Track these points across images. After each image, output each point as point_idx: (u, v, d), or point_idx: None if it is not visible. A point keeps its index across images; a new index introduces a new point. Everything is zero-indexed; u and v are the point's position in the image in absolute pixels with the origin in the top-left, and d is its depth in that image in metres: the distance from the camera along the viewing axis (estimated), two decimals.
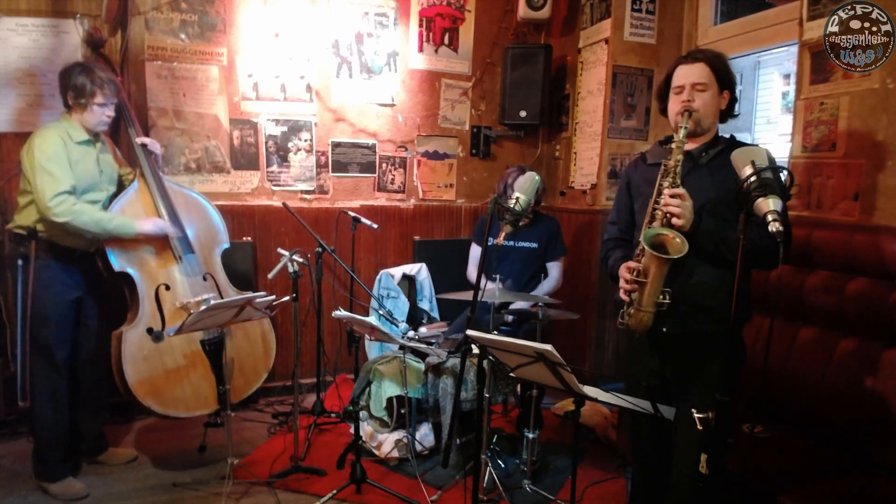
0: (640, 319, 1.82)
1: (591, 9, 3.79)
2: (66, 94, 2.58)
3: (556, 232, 3.39)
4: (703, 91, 1.87)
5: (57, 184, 2.45)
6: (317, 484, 2.69)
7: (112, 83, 2.63)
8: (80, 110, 2.59)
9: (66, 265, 2.60)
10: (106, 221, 2.59)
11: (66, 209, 2.46)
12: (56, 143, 2.50)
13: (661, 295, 1.77)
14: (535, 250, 3.35)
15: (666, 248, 1.74)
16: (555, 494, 2.63)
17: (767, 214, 1.38)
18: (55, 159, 2.47)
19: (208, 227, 3.07)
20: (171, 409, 2.75)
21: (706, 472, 1.48)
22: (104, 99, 2.59)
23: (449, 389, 2.80)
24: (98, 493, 2.61)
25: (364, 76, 3.83)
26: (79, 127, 2.61)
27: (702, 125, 1.90)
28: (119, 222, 2.64)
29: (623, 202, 2.14)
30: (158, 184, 2.88)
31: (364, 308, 3.75)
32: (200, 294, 2.87)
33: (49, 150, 2.47)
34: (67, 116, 2.61)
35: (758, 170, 1.44)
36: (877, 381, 2.05)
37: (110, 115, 2.67)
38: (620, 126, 3.69)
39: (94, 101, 2.57)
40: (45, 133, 2.52)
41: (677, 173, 1.81)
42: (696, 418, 1.49)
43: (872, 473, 1.95)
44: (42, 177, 2.44)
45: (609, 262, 2.12)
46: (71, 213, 2.47)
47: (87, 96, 2.55)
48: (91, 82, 2.55)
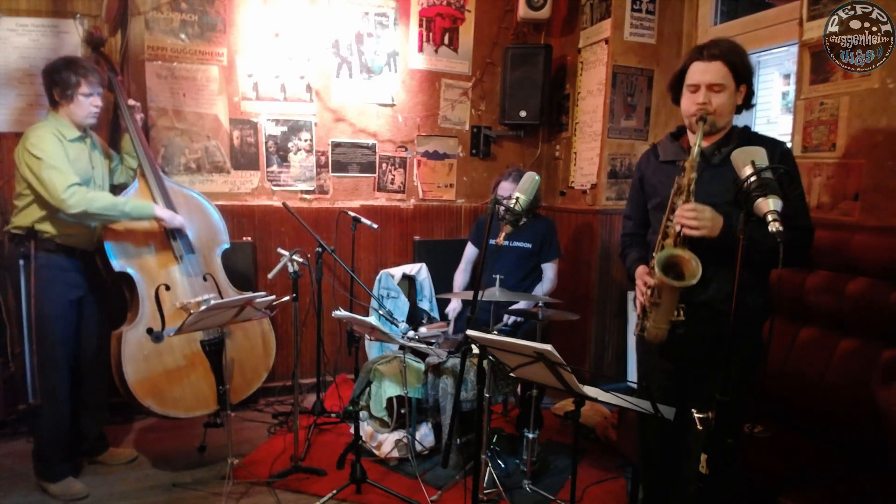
0: (655, 334, 1.82)
1: (591, 9, 3.79)
2: (52, 91, 2.56)
3: (550, 233, 3.40)
4: (720, 92, 1.78)
5: (66, 177, 2.45)
6: (317, 484, 2.69)
7: (95, 72, 2.61)
8: (67, 104, 2.56)
9: (66, 265, 2.60)
10: (122, 204, 2.61)
11: (80, 198, 2.46)
12: (53, 140, 2.49)
13: (675, 312, 1.75)
14: (528, 250, 3.36)
15: (680, 269, 1.70)
16: (555, 494, 2.63)
17: (767, 214, 1.38)
18: (56, 156, 2.47)
19: (209, 226, 3.06)
20: (171, 410, 2.75)
21: (706, 471, 1.47)
22: (89, 88, 2.57)
23: (449, 389, 2.80)
24: (98, 493, 2.61)
25: (364, 76, 3.83)
26: (68, 124, 2.58)
27: (717, 126, 1.83)
28: (136, 204, 2.66)
29: (637, 199, 2.10)
30: (159, 182, 2.88)
31: (364, 308, 3.75)
32: (200, 294, 2.86)
33: (49, 148, 2.46)
34: (55, 114, 2.58)
35: (758, 170, 1.43)
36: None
37: (98, 106, 2.63)
38: (620, 126, 3.70)
39: (80, 92, 2.55)
40: (40, 132, 2.50)
41: (691, 192, 1.75)
42: (696, 418, 1.49)
43: (873, 474, 1.95)
44: (49, 172, 2.43)
45: (626, 262, 2.11)
46: (86, 201, 2.47)
47: (72, 87, 2.53)
48: (74, 73, 2.53)
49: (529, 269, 3.39)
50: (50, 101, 2.60)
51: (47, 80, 2.56)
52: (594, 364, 3.81)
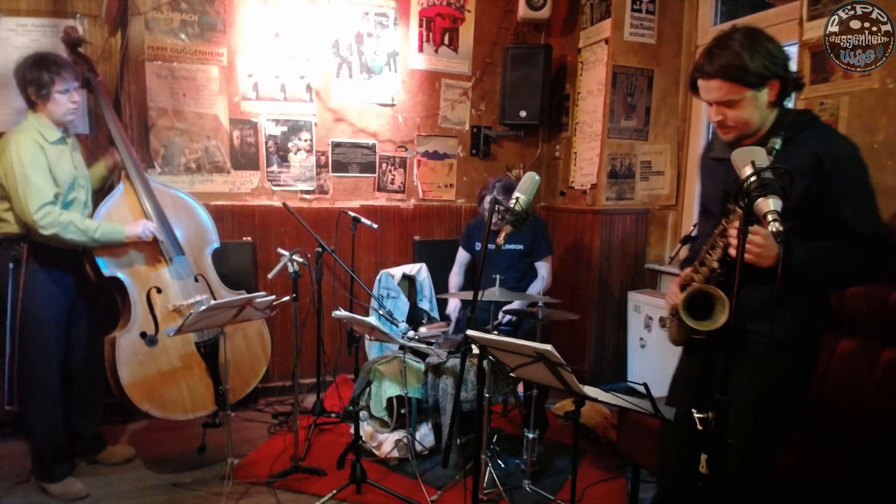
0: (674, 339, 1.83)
1: (591, 9, 3.79)
2: (27, 91, 2.47)
3: (541, 232, 3.41)
4: (732, 106, 1.62)
5: (40, 195, 2.38)
6: (317, 484, 2.69)
7: (68, 66, 2.53)
8: (44, 103, 2.47)
9: (56, 268, 2.57)
10: (93, 230, 2.52)
11: (52, 220, 2.40)
12: (32, 147, 2.41)
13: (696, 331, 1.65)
14: (521, 251, 3.38)
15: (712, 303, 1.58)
16: (555, 494, 2.63)
17: (767, 214, 1.38)
18: (35, 166, 2.39)
19: (197, 227, 3.02)
20: (169, 413, 2.74)
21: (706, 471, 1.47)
22: (64, 84, 2.48)
23: (449, 389, 2.80)
24: (98, 493, 2.61)
25: (364, 76, 3.83)
26: (49, 124, 2.51)
27: (745, 133, 1.67)
28: (106, 229, 2.58)
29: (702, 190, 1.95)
30: (144, 184, 2.82)
31: (364, 308, 3.75)
32: (193, 296, 2.85)
33: (26, 157, 2.38)
34: (35, 115, 2.50)
35: (758, 170, 1.43)
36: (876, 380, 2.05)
37: (76, 101, 2.56)
38: (620, 126, 3.70)
39: (55, 90, 2.45)
40: (19, 138, 2.41)
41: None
42: (697, 418, 1.48)
43: (873, 474, 1.95)
44: (23, 187, 2.36)
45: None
46: (58, 225, 2.41)
47: (47, 86, 2.44)
48: (47, 70, 2.43)
49: (525, 270, 3.40)
50: (27, 101, 2.51)
51: (20, 81, 2.47)
52: (594, 364, 3.81)
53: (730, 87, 1.60)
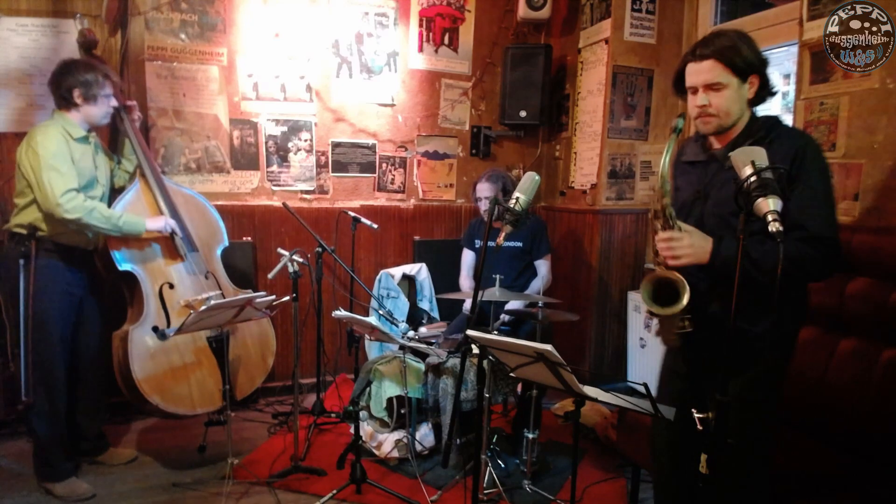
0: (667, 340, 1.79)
1: (591, 9, 3.80)
2: (72, 92, 2.53)
3: (540, 230, 3.42)
4: (720, 91, 1.67)
5: (65, 181, 2.44)
6: (317, 484, 2.69)
7: (112, 72, 2.69)
8: (88, 104, 2.57)
9: (67, 264, 2.60)
10: (116, 218, 2.59)
11: (76, 205, 2.45)
12: (59, 140, 2.48)
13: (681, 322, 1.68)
14: (520, 249, 3.39)
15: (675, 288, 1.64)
16: (555, 494, 2.63)
17: (767, 214, 1.38)
18: (60, 157, 2.46)
19: (209, 225, 3.09)
20: (179, 407, 2.76)
21: (706, 471, 1.47)
22: (112, 89, 2.64)
23: (449, 389, 2.80)
24: (99, 493, 2.61)
25: (364, 76, 3.83)
26: (76, 124, 2.58)
27: (723, 126, 1.72)
28: (129, 219, 2.65)
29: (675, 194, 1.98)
30: (159, 183, 2.89)
31: (364, 308, 3.75)
32: (203, 292, 2.88)
33: (53, 148, 2.45)
34: (62, 114, 2.57)
35: (758, 170, 1.43)
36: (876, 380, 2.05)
37: (114, 106, 2.70)
38: (620, 126, 3.70)
39: (103, 92, 2.60)
40: (46, 131, 2.49)
41: (669, 216, 1.67)
42: (696, 418, 1.48)
43: (873, 474, 1.95)
44: (49, 174, 2.41)
45: None
46: (82, 210, 2.46)
47: (97, 87, 2.56)
48: (99, 74, 2.58)
49: (523, 268, 3.41)
50: (61, 101, 2.57)
51: (69, 81, 2.53)
52: (594, 364, 3.81)
53: (721, 70, 1.67)
